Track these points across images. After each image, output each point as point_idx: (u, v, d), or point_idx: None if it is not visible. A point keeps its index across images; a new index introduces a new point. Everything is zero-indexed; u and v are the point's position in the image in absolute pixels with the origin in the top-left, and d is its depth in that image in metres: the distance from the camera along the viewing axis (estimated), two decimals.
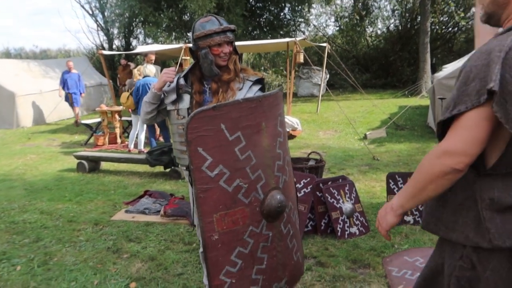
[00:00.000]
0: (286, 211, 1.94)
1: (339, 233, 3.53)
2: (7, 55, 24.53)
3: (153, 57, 8.02)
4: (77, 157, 6.28)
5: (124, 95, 7.27)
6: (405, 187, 1.28)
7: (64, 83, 10.75)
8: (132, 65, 12.44)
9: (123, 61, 12.97)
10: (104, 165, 6.51)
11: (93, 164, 6.29)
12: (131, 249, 3.43)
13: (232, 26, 2.18)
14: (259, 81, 2.26)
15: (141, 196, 4.75)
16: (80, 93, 11.10)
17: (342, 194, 3.70)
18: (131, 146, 7.64)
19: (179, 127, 2.33)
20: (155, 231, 3.83)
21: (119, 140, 8.47)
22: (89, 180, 5.78)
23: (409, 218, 3.79)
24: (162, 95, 2.31)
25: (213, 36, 2.12)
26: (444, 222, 1.28)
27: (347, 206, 3.67)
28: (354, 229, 3.61)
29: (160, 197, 4.67)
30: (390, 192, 3.85)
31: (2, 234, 3.88)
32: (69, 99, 10.86)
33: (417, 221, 3.77)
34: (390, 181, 3.84)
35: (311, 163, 4.34)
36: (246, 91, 2.20)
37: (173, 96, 2.29)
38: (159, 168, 6.04)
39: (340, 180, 3.84)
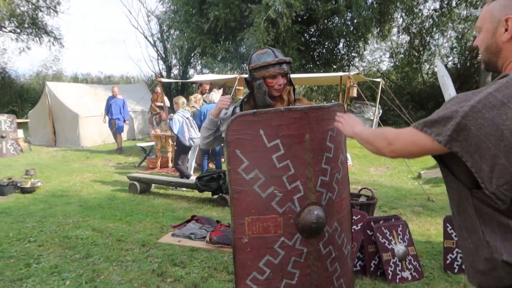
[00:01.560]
0: (327, 230, 1.85)
1: (390, 277, 3.33)
2: (75, 79, 26.39)
3: (207, 87, 8.31)
4: (130, 178, 6.51)
5: None
6: (367, 129, 1.61)
7: (108, 109, 10.85)
8: (166, 101, 11.85)
9: (158, 89, 12.20)
10: (154, 187, 6.69)
11: (145, 186, 6.48)
12: (175, 274, 3.43)
13: (288, 59, 2.20)
14: None
15: (188, 221, 4.79)
16: (124, 120, 10.99)
17: (395, 235, 3.51)
18: None
19: None
20: (199, 257, 3.81)
21: (170, 164, 8.70)
22: (140, 201, 5.93)
23: None
24: (219, 122, 2.36)
25: (268, 68, 2.15)
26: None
27: (399, 248, 3.47)
28: (406, 274, 3.39)
29: (206, 223, 4.68)
30: (448, 237, 3.59)
31: (56, 247, 4.04)
32: (113, 125, 10.87)
33: None
34: (448, 225, 3.60)
35: (362, 199, 4.18)
36: None
37: None
38: (207, 194, 6.10)
39: (393, 220, 3.65)
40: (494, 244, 1.18)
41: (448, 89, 1.36)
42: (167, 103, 11.72)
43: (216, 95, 7.24)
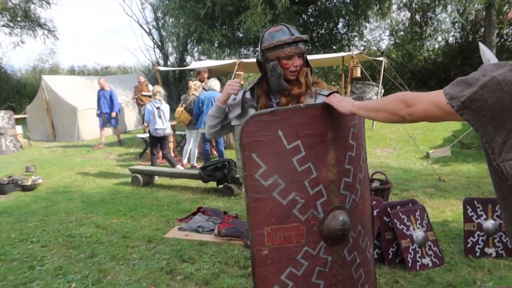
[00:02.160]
0: (352, 235, 1.70)
1: (409, 264, 3.18)
2: (72, 72, 26.09)
3: (206, 75, 8.05)
4: (132, 171, 6.34)
5: (178, 110, 7.32)
6: (370, 101, 1.50)
7: (98, 102, 10.35)
8: (150, 88, 10.82)
9: (141, 78, 11.12)
10: (157, 179, 6.53)
11: (147, 178, 6.32)
12: (185, 271, 3.28)
13: (305, 36, 1.98)
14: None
15: (194, 213, 4.64)
16: (111, 112, 10.32)
17: (413, 220, 3.35)
18: (185, 161, 7.65)
19: None
20: (209, 251, 3.67)
21: (172, 154, 8.53)
22: (143, 194, 5.78)
23: (490, 251, 3.35)
24: (227, 109, 2.16)
25: (283, 48, 1.92)
26: None
27: (418, 233, 3.31)
28: (426, 260, 3.24)
29: (213, 214, 4.53)
30: (468, 220, 3.43)
31: (59, 247, 3.89)
32: (103, 119, 10.37)
33: (500, 254, 3.33)
34: (468, 207, 3.43)
35: (375, 184, 4.01)
36: None
37: (238, 111, 2.12)
38: (212, 184, 5.94)
39: (410, 205, 3.49)
40: None
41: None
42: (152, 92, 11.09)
43: (215, 82, 7.01)
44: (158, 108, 6.77)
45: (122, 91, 13.48)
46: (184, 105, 7.36)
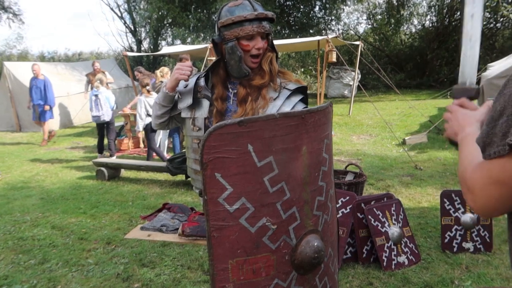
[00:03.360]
0: (324, 260, 1.46)
1: (384, 263, 2.99)
2: (42, 58, 25.01)
3: (188, 61, 7.63)
4: (96, 164, 5.98)
5: None
6: (473, 146, 0.89)
7: (30, 92, 9.16)
8: (108, 76, 9.82)
9: (96, 65, 9.87)
10: (124, 172, 6.19)
11: (113, 172, 5.97)
12: (143, 277, 3.01)
13: (270, 14, 1.64)
14: (301, 91, 1.72)
15: (159, 210, 4.34)
16: (50, 106, 9.17)
17: (388, 216, 3.15)
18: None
19: (194, 140, 1.84)
20: (171, 253, 3.40)
21: (142, 145, 8.16)
22: (108, 189, 5.44)
23: (468, 245, 3.20)
24: (176, 97, 1.83)
25: (243, 25, 1.59)
26: None
27: (394, 230, 3.12)
28: (402, 258, 3.06)
29: (179, 211, 4.22)
30: (445, 213, 3.26)
31: (8, 253, 3.55)
32: (35, 112, 9.19)
33: (478, 249, 3.18)
34: (445, 200, 3.26)
35: (349, 177, 3.80)
36: (281, 102, 1.67)
37: (189, 101, 1.77)
38: (181, 177, 5.64)
39: (385, 199, 3.29)
40: None
41: None
42: (111, 79, 10.31)
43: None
44: (96, 95, 6.91)
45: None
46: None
